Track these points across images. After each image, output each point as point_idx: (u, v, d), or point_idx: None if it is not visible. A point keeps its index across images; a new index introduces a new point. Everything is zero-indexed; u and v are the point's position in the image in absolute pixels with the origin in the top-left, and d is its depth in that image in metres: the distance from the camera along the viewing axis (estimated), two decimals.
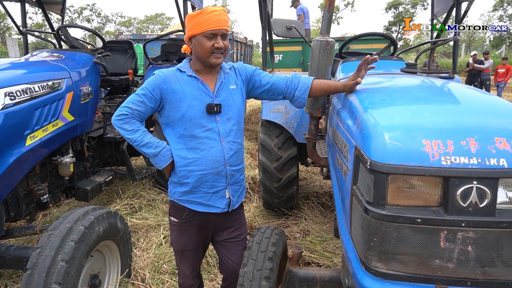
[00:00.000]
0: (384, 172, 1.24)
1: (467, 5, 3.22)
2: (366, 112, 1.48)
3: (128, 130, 1.68)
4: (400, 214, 1.24)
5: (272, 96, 1.91)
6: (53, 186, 2.86)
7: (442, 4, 3.87)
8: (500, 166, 1.17)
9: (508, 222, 1.19)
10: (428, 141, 1.23)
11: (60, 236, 1.89)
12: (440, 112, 1.40)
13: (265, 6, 3.51)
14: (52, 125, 2.50)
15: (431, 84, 1.91)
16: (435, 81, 2.02)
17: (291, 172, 3.54)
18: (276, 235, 2.05)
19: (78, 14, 39.73)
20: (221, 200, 1.80)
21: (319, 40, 2.01)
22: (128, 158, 3.39)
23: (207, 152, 1.71)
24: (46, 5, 4.19)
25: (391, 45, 2.97)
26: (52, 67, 2.67)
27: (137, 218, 3.41)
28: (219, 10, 1.66)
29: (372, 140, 1.31)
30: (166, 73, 1.72)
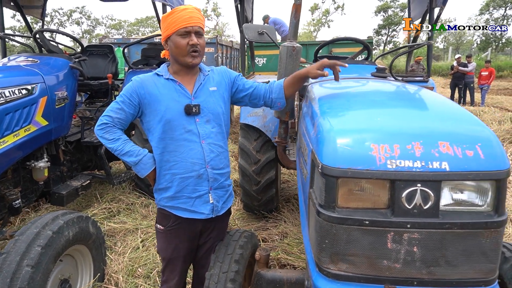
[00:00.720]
0: (334, 175, 1.28)
1: (439, 10, 3.30)
2: (322, 117, 1.51)
3: (109, 139, 1.68)
4: (349, 216, 1.28)
5: (254, 100, 1.87)
6: (27, 191, 2.85)
7: (417, 9, 3.97)
8: (442, 169, 1.22)
9: (450, 223, 1.23)
10: (376, 145, 1.27)
11: (27, 241, 1.89)
12: (391, 117, 1.44)
13: (243, 10, 3.56)
14: (24, 130, 2.49)
15: (392, 89, 1.96)
16: (398, 86, 2.07)
17: (270, 175, 3.57)
18: (244, 237, 2.07)
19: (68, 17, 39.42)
20: (205, 206, 1.75)
21: (286, 46, 2.05)
22: (106, 162, 3.39)
23: (187, 154, 1.68)
24: (25, 9, 4.17)
25: (365, 50, 3.02)
26: (25, 71, 2.66)
27: (115, 222, 3.41)
28: (190, 8, 1.64)
29: (325, 144, 1.35)
30: (143, 78, 1.72)
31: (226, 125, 1.83)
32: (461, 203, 1.27)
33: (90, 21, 41.48)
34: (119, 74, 4.31)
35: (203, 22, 1.68)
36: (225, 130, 1.82)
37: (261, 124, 3.48)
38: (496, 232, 1.25)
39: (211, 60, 6.40)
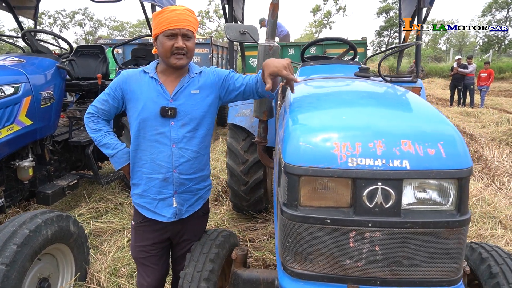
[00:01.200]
0: (296, 174, 1.27)
1: (426, 10, 3.29)
2: (290, 116, 1.51)
3: (92, 128, 1.74)
4: (311, 215, 1.27)
5: (249, 97, 1.79)
6: (11, 191, 2.86)
7: (407, 9, 3.96)
8: (403, 168, 1.21)
9: (412, 222, 1.23)
10: (338, 143, 1.26)
11: (2, 239, 1.89)
12: (357, 115, 1.43)
13: (231, 10, 3.56)
14: (7, 129, 2.50)
15: (367, 88, 1.95)
16: (375, 85, 2.06)
17: (258, 175, 3.56)
18: (222, 237, 2.06)
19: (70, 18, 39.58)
20: (167, 209, 1.74)
21: (263, 45, 2.05)
22: (93, 162, 3.39)
23: (156, 156, 1.69)
24: (17, 10, 4.19)
25: (350, 50, 3.02)
26: (9, 71, 2.67)
27: (102, 221, 3.41)
28: (180, 9, 1.61)
29: (288, 143, 1.34)
30: (130, 73, 1.73)
31: (208, 128, 1.77)
32: (423, 202, 1.26)
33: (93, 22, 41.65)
34: (110, 74, 4.32)
35: (193, 24, 1.64)
36: (204, 133, 1.76)
37: (248, 124, 3.47)
38: (459, 231, 1.24)
39: (205, 61, 6.41)
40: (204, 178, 1.86)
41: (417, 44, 3.48)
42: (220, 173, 5.10)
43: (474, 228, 3.49)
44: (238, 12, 4.12)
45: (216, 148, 6.44)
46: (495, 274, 1.66)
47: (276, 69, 1.50)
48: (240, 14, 4.19)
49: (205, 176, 1.87)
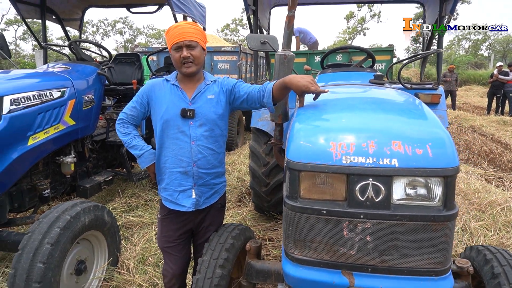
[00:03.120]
0: (296, 169, 1.44)
1: (446, 18, 3.34)
2: (298, 118, 1.68)
3: (122, 132, 2.00)
4: (309, 206, 1.43)
5: (252, 105, 2.00)
6: (56, 183, 3.21)
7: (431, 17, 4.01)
8: (392, 166, 1.34)
9: (400, 215, 1.35)
10: (334, 142, 1.42)
11: (48, 223, 2.18)
12: (356, 118, 1.58)
13: (256, 21, 3.77)
14: (54, 128, 2.84)
15: (374, 94, 2.07)
16: (384, 92, 2.18)
17: (279, 177, 3.72)
18: (238, 230, 2.25)
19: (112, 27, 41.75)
20: (187, 199, 1.97)
21: (279, 54, 2.23)
22: (126, 160, 3.71)
23: (177, 152, 1.92)
24: (65, 21, 4.65)
25: (368, 58, 3.13)
26: (57, 77, 3.03)
27: (133, 215, 3.70)
28: (182, 24, 1.87)
29: (292, 142, 1.51)
30: (155, 82, 2.00)
31: (222, 129, 2.01)
32: (412, 198, 1.38)
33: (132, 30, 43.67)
34: (144, 80, 4.66)
35: (195, 35, 1.87)
36: (219, 134, 1.99)
37: (270, 128, 3.65)
38: (445, 225, 1.35)
39: (234, 68, 6.67)
40: (219, 174, 2.08)
41: (438, 52, 3.53)
42: (245, 176, 5.30)
43: (496, 236, 3.45)
44: (264, 22, 4.33)
45: (243, 152, 6.66)
46: (497, 275, 1.73)
47: (305, 88, 1.67)
48: (266, 23, 4.40)
49: (220, 173, 2.09)
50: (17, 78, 2.76)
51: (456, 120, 9.89)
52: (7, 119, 2.42)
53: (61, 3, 4.48)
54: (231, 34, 40.50)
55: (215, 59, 6.92)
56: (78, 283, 2.45)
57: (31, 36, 36.43)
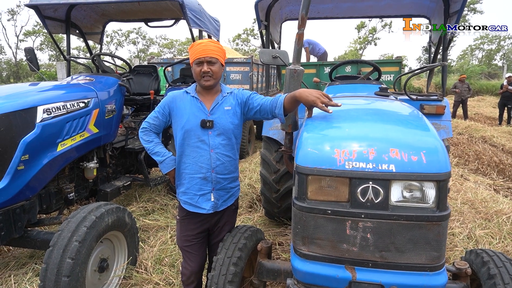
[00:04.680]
0: (304, 173, 1.61)
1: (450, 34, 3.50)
2: (305, 127, 1.85)
3: (145, 140, 2.21)
4: (315, 206, 1.60)
5: (264, 115, 2.14)
6: (79, 187, 3.42)
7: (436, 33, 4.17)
8: (389, 171, 1.50)
9: (398, 215, 1.51)
10: (338, 149, 1.59)
11: (76, 222, 2.38)
12: (358, 128, 1.74)
13: (268, 35, 3.98)
14: (80, 136, 3.06)
15: (378, 106, 2.24)
16: (387, 103, 2.34)
17: (288, 184, 3.87)
18: (250, 231, 2.42)
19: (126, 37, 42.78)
20: (206, 203, 2.15)
21: (289, 69, 2.41)
22: (144, 166, 3.92)
23: (197, 159, 2.11)
24: (87, 35, 4.94)
25: (374, 71, 3.29)
26: (83, 88, 3.27)
27: (150, 219, 3.90)
28: (205, 42, 2.07)
29: (300, 149, 1.69)
30: (175, 94, 2.20)
31: (237, 137, 2.21)
32: (409, 200, 1.54)
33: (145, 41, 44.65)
34: (160, 90, 4.91)
35: (216, 52, 2.07)
36: (235, 142, 2.19)
37: (280, 137, 3.83)
38: (438, 225, 1.50)
39: (245, 78, 6.90)
40: (234, 178, 2.27)
41: (442, 65, 3.68)
42: (256, 183, 5.46)
43: (501, 244, 3.53)
44: (276, 36, 4.54)
45: (253, 160, 6.83)
46: (493, 275, 1.85)
47: (314, 103, 1.82)
48: (277, 37, 4.61)
49: (235, 177, 2.28)
50: (47, 90, 3.00)
51: (467, 130, 9.91)
52: (40, 127, 2.65)
53: (84, 19, 4.78)
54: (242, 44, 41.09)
55: (227, 70, 7.16)
56: (100, 279, 2.63)
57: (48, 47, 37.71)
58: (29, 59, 3.71)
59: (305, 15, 2.38)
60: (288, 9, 4.44)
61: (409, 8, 4.36)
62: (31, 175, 2.61)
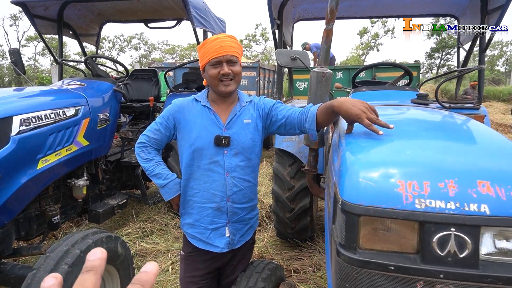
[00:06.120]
0: (355, 213, 1.17)
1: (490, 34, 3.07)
2: (347, 147, 1.42)
3: (143, 158, 1.74)
4: (372, 259, 1.15)
5: (290, 130, 1.71)
6: (66, 208, 2.98)
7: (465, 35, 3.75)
8: (482, 213, 1.06)
9: (494, 276, 1.06)
10: (403, 181, 1.14)
11: (55, 259, 1.94)
12: (423, 150, 1.31)
13: (280, 36, 3.57)
14: (66, 150, 2.63)
15: (430, 118, 1.80)
16: (438, 114, 1.91)
17: (304, 203, 3.45)
18: (268, 270, 1.98)
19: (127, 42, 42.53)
20: (220, 239, 1.70)
21: (316, 72, 1.99)
22: (142, 182, 3.48)
23: (209, 185, 1.66)
24: (82, 37, 4.54)
25: (406, 75, 2.87)
26: (72, 95, 2.84)
27: (148, 242, 3.45)
28: (221, 37, 1.62)
29: (346, 178, 1.25)
30: (182, 102, 1.74)
31: (258, 157, 1.77)
32: (506, 253, 1.09)
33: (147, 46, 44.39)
34: (161, 97, 4.49)
35: (236, 50, 1.64)
36: (256, 163, 1.75)
37: (296, 150, 3.40)
38: None
39: (252, 84, 6.49)
40: (253, 207, 1.84)
41: (479, 69, 3.25)
42: (264, 197, 5.02)
43: None
44: (288, 37, 4.14)
45: (260, 171, 6.39)
46: None
47: (357, 119, 1.41)
48: (289, 38, 4.20)
49: (254, 206, 1.85)
50: (29, 96, 2.58)
51: None
52: (16, 141, 2.22)
53: (78, 19, 4.38)
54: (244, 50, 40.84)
55: None
56: None
57: None
58: (13, 61, 3.30)
59: (335, 8, 1.97)
60: (302, 7, 4.04)
61: (436, 7, 3.95)
62: (5, 198, 2.18)
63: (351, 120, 1.47)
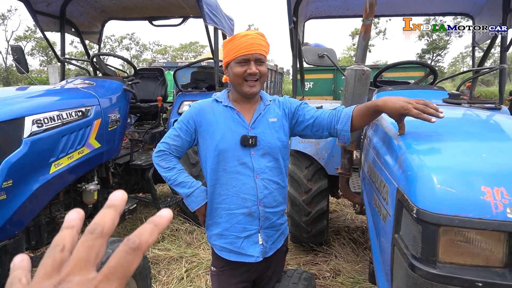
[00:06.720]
0: (435, 223, 1.05)
1: None
2: (409, 150, 1.30)
3: (164, 167, 1.62)
4: (455, 275, 1.04)
5: (317, 132, 1.64)
6: None
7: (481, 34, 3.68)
8: None
9: None
10: (489, 188, 1.03)
11: None
12: (499, 152, 1.20)
13: (296, 34, 3.45)
14: (78, 153, 2.47)
15: (481, 118, 1.70)
16: (484, 114, 1.81)
17: (321, 206, 3.35)
18: (304, 280, 1.87)
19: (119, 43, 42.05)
20: (253, 247, 1.59)
21: (354, 69, 1.88)
22: (153, 186, 3.33)
23: (238, 189, 1.56)
24: (84, 34, 4.38)
25: (431, 74, 2.78)
26: (82, 94, 2.69)
27: (159, 249, 3.29)
28: (252, 34, 1.53)
29: (418, 183, 1.13)
30: (202, 104, 1.64)
31: (284, 159, 1.66)
32: None
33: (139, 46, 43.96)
34: (168, 97, 4.33)
35: (265, 49, 1.55)
36: (283, 164, 1.65)
37: (313, 151, 3.29)
38: None
39: None
40: (283, 212, 1.73)
41: (501, 68, 3.19)
42: None
43: None
44: (300, 35, 4.03)
45: None
46: None
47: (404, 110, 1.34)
48: (301, 37, 4.10)
49: (284, 210, 1.73)
50: (38, 96, 2.42)
51: None
52: (28, 144, 2.06)
53: (80, 16, 4.22)
54: None
55: None
56: None
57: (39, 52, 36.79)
58: (16, 59, 3.13)
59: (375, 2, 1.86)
60: (315, 5, 3.93)
61: (450, 6, 3.88)
62: (16, 206, 2.01)
63: (399, 115, 1.37)
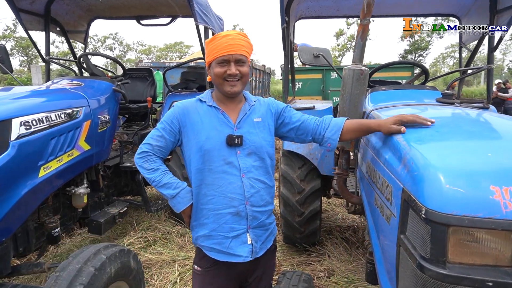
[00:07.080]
0: (444, 223, 1.04)
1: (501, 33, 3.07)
2: (414, 150, 1.30)
3: (148, 169, 1.58)
4: (466, 275, 1.03)
5: (301, 136, 1.70)
6: (65, 218, 2.73)
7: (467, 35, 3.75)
8: None
9: None
10: (497, 187, 1.04)
11: (68, 279, 1.73)
12: (503, 151, 1.21)
13: (289, 33, 3.44)
14: (67, 155, 2.39)
15: (477, 117, 1.72)
16: (479, 114, 1.84)
17: (314, 206, 3.35)
18: (304, 282, 1.85)
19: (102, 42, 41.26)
20: (242, 247, 1.57)
21: (352, 69, 1.87)
22: (144, 189, 3.26)
23: (225, 189, 1.54)
24: (69, 33, 4.26)
25: (422, 74, 2.81)
26: (71, 95, 2.60)
27: (151, 252, 3.23)
28: (233, 34, 1.53)
29: (426, 183, 1.12)
30: (185, 104, 1.62)
31: (271, 158, 1.66)
32: None
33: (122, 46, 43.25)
34: (157, 97, 4.26)
35: (247, 49, 1.55)
36: (269, 164, 1.65)
37: (306, 152, 3.28)
38: None
39: None
40: (271, 211, 1.71)
41: (489, 68, 3.25)
42: None
43: None
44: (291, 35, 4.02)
45: None
46: None
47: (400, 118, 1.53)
48: (292, 37, 4.09)
49: (271, 210, 1.71)
50: (25, 97, 2.33)
51: None
52: (16, 147, 1.97)
53: (66, 14, 4.10)
54: None
55: None
56: None
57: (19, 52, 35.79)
58: (0, 59, 3.01)
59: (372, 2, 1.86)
60: (306, 5, 3.93)
61: (437, 7, 3.94)
62: (4, 212, 1.93)
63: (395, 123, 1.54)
